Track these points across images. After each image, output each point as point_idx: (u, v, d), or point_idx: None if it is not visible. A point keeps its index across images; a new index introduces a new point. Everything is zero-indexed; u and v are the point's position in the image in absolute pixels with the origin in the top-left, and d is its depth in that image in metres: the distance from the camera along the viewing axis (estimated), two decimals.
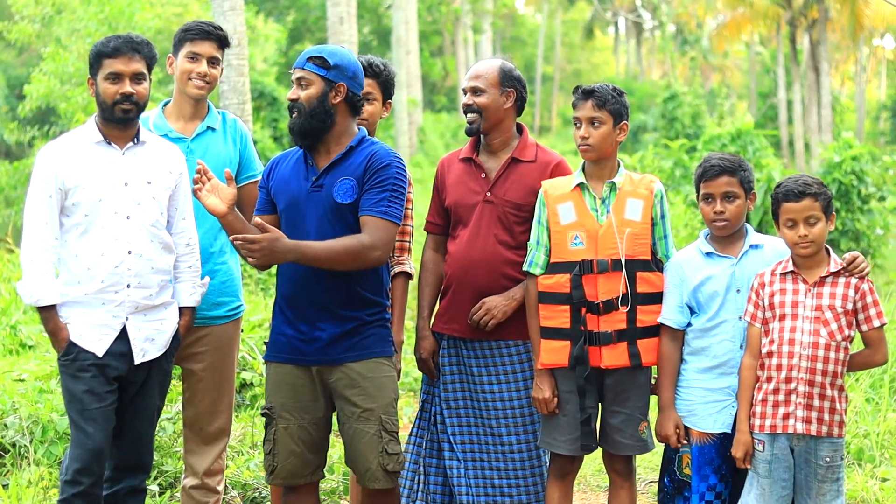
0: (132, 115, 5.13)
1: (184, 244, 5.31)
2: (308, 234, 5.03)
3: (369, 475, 5.11)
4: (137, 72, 5.13)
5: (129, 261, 5.05)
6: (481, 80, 5.51)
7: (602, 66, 75.67)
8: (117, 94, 5.07)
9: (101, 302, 5.03)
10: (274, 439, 5.12)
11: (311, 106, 5.09)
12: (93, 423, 5.00)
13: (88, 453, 4.99)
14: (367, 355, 5.14)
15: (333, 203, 5.05)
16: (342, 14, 20.00)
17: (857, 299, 4.86)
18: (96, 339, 5.02)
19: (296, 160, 5.20)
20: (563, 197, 5.23)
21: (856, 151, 17.95)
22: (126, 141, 5.17)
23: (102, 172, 5.08)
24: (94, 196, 5.03)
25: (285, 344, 5.12)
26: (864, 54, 52.39)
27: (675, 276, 5.14)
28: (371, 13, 46.16)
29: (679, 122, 38.64)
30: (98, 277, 5.01)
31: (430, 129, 42.49)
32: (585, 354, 5.12)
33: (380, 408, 5.12)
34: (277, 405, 5.12)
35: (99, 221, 5.03)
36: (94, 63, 5.15)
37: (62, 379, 5.10)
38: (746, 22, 40.04)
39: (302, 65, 5.15)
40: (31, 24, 25.21)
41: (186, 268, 5.33)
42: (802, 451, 4.86)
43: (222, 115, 5.92)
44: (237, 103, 11.61)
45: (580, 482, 7.26)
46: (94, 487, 5.02)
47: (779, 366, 4.84)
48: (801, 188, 4.87)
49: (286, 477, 5.15)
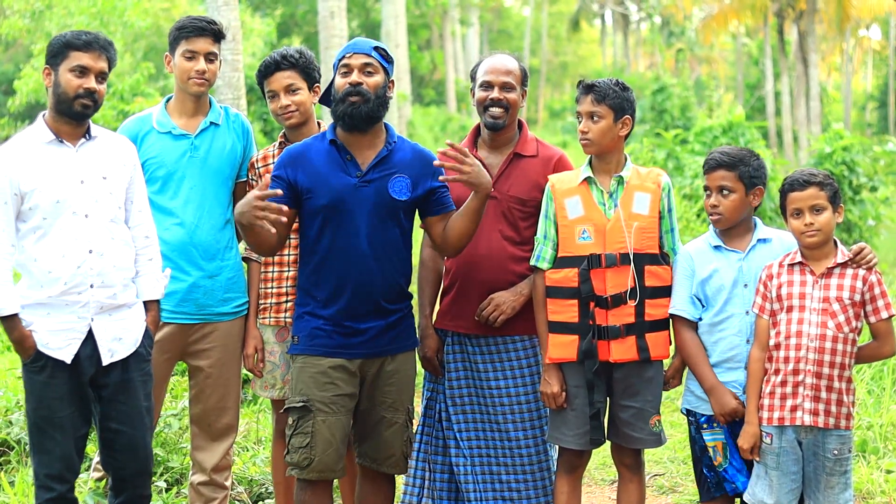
0: (90, 112, 5.02)
1: (142, 237, 5.20)
2: (358, 229, 5.04)
3: (392, 461, 5.22)
4: (102, 71, 5.04)
5: (91, 260, 4.93)
6: (512, 76, 5.50)
7: (589, 58, 75.67)
8: (81, 88, 4.95)
9: (64, 304, 4.90)
10: (312, 432, 5.05)
11: (377, 93, 5.12)
12: (61, 431, 4.92)
13: (57, 460, 4.93)
14: (405, 347, 5.24)
15: (389, 199, 5.08)
16: (333, 8, 19.98)
17: (865, 291, 4.87)
18: (63, 345, 4.90)
19: (326, 154, 5.15)
20: (570, 191, 5.22)
21: (847, 142, 18.01)
22: (78, 137, 5.05)
23: (58, 172, 4.94)
24: (52, 197, 4.89)
25: (325, 337, 5.09)
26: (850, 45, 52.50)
27: (685, 267, 5.15)
28: (360, 7, 46.13)
29: (668, 114, 38.67)
30: (61, 279, 4.88)
31: (419, 123, 42.42)
32: (594, 348, 5.11)
33: (408, 398, 5.25)
34: (315, 398, 5.06)
35: (58, 223, 4.90)
36: (58, 53, 5.00)
37: (27, 384, 4.96)
38: (733, 13, 40.14)
39: (368, 51, 5.16)
40: (21, 19, 25.15)
41: (147, 261, 5.21)
42: (810, 444, 4.87)
43: (225, 110, 5.91)
44: (232, 98, 11.57)
45: (585, 476, 7.24)
46: (69, 492, 4.97)
47: (786, 358, 4.85)
48: (806, 177, 4.92)
49: (322, 470, 5.08)
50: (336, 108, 5.13)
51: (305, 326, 5.16)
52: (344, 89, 5.10)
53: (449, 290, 5.60)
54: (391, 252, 5.10)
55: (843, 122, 43.29)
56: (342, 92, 5.11)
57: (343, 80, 5.13)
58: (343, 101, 5.10)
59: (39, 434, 4.94)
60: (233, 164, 5.82)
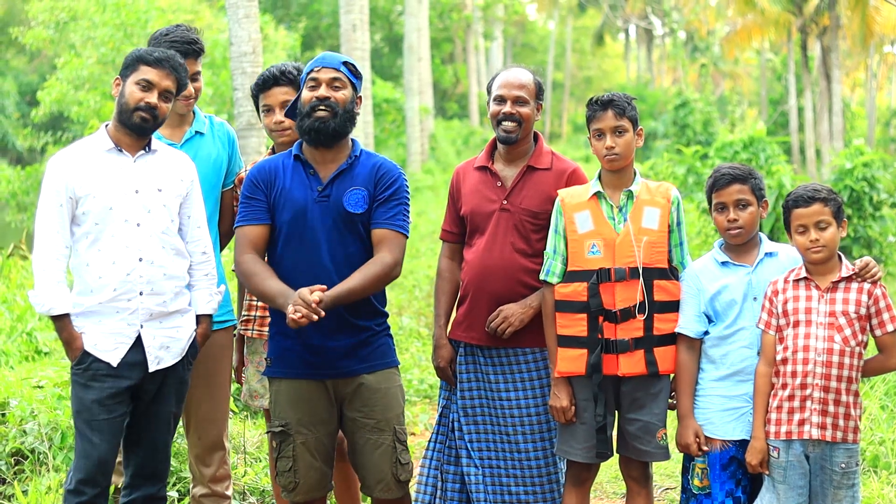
0: (148, 126, 5.11)
1: (199, 252, 5.30)
2: (318, 244, 5.04)
3: (383, 486, 5.17)
4: (167, 89, 5.13)
5: (141, 268, 5.02)
6: (525, 90, 5.50)
7: (613, 72, 75.67)
8: (142, 101, 5.05)
9: (114, 310, 5.00)
10: (293, 455, 5.10)
11: (345, 108, 5.10)
12: (99, 434, 4.99)
13: (92, 464, 4.99)
14: (381, 366, 5.19)
15: (344, 213, 5.06)
16: (355, 21, 20.09)
17: (871, 304, 4.87)
18: (111, 348, 5.00)
19: (292, 169, 5.15)
20: (580, 206, 5.24)
21: (867, 158, 17.91)
22: (137, 149, 5.15)
23: (113, 180, 5.05)
24: (105, 204, 5.01)
25: (296, 359, 5.10)
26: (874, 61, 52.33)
27: (691, 286, 5.16)
28: (383, 20, 46.21)
29: (690, 129, 38.64)
30: (110, 286, 4.99)
31: (441, 136, 42.50)
32: (600, 362, 5.13)
33: (393, 418, 5.20)
34: (293, 421, 5.11)
35: (109, 230, 5.01)
36: (130, 65, 5.14)
37: (73, 387, 5.07)
38: (757, 29, 40.00)
39: (337, 66, 5.14)
40: (45, 30, 25.29)
41: (203, 276, 5.31)
42: (818, 458, 4.87)
43: (209, 119, 5.95)
44: (251, 110, 11.64)
45: (597, 489, 7.28)
46: (98, 498, 5.02)
47: (794, 372, 4.86)
48: (810, 193, 4.92)
49: (308, 492, 5.15)
50: (302, 123, 5.11)
51: (277, 347, 5.18)
52: (311, 102, 5.08)
53: (462, 301, 5.62)
54: (353, 267, 5.05)
55: (867, 139, 43.15)
56: (309, 105, 5.09)
57: (310, 93, 5.11)
58: (309, 115, 5.08)
59: (81, 437, 5.03)
60: (218, 173, 5.86)
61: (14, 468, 6.75)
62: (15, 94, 40.21)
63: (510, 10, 52.46)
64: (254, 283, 5.03)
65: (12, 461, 6.79)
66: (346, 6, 20.33)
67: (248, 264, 5.06)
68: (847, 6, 35.49)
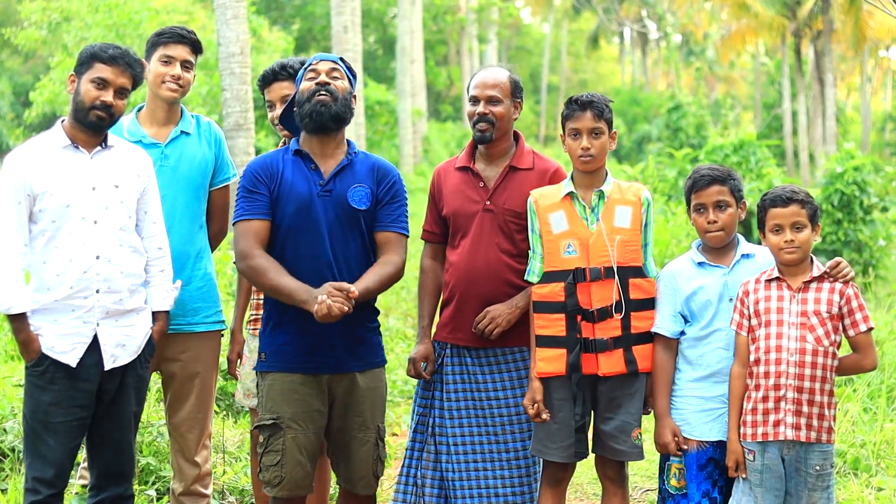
0: (104, 124, 5.09)
1: (155, 248, 5.27)
2: (321, 238, 5.06)
3: (365, 482, 5.22)
4: (123, 86, 5.10)
5: (98, 266, 5.00)
6: (498, 89, 5.50)
7: (607, 75, 75.64)
8: (98, 100, 5.03)
9: (70, 308, 4.97)
10: (283, 449, 5.08)
11: (344, 95, 5.14)
12: (54, 436, 4.97)
13: (49, 465, 4.97)
14: (372, 365, 5.24)
15: (348, 208, 5.10)
16: (346, 23, 20.09)
17: (843, 304, 4.88)
18: (68, 349, 4.97)
19: (292, 164, 5.17)
20: (553, 206, 5.25)
21: (858, 162, 17.98)
22: (94, 145, 5.12)
23: (70, 177, 5.02)
24: (62, 201, 4.97)
25: (293, 354, 5.10)
26: (869, 66, 52.42)
27: (668, 286, 5.17)
28: (376, 22, 46.22)
29: (683, 132, 38.69)
30: (67, 283, 4.95)
31: (434, 139, 42.47)
32: (579, 362, 5.13)
33: (377, 417, 5.24)
34: (286, 415, 5.09)
35: (66, 227, 4.98)
36: (84, 62, 5.10)
37: (28, 388, 5.03)
38: (751, 33, 40.14)
39: (335, 59, 5.22)
40: (38, 31, 25.29)
41: (158, 272, 5.29)
42: (793, 461, 4.87)
43: (196, 119, 5.92)
44: (240, 111, 11.66)
45: (577, 490, 7.29)
46: (53, 499, 5.00)
47: (766, 373, 4.87)
48: (788, 194, 4.94)
49: (292, 488, 5.13)
50: (302, 108, 5.13)
51: (272, 342, 5.18)
52: (310, 89, 5.11)
53: (448, 303, 5.61)
54: (353, 262, 5.11)
55: (862, 143, 43.23)
56: (309, 91, 5.12)
57: (309, 82, 5.16)
58: (310, 100, 5.10)
59: (34, 438, 5.00)
60: (204, 174, 5.83)
61: None
62: (9, 95, 40.12)
63: (504, 13, 52.37)
64: (268, 278, 5.01)
65: None
66: (337, 8, 20.34)
67: (260, 259, 5.05)
68: (840, 10, 35.64)
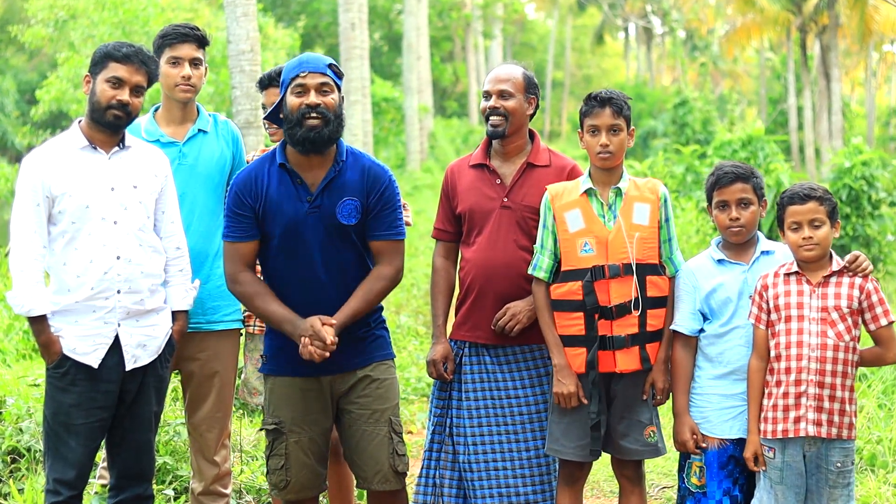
0: (122, 123, 5.08)
1: (173, 248, 5.27)
2: (312, 257, 5.01)
3: (381, 477, 5.14)
4: (139, 84, 5.09)
5: (119, 266, 4.99)
6: (510, 83, 5.50)
7: (612, 71, 75.59)
8: (114, 100, 5.02)
9: (91, 309, 4.96)
10: (286, 453, 5.09)
11: (336, 113, 5.00)
12: (76, 437, 4.97)
13: (69, 466, 4.97)
14: (376, 358, 5.20)
15: (337, 223, 5.01)
16: (353, 20, 20.07)
17: (863, 299, 4.87)
18: (90, 350, 4.96)
19: (278, 179, 5.06)
20: (570, 204, 5.23)
21: (866, 156, 17.92)
22: (111, 146, 5.12)
23: (89, 178, 5.01)
24: (81, 202, 4.96)
25: (292, 357, 5.05)
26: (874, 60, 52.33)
27: (687, 283, 5.16)
28: (382, 19, 46.21)
29: (689, 127, 38.67)
30: (88, 284, 4.95)
31: (440, 135, 42.48)
32: (597, 359, 5.13)
33: (389, 409, 5.19)
34: (287, 419, 5.10)
35: (86, 228, 4.97)
36: (98, 62, 5.09)
37: (48, 389, 5.02)
38: (756, 28, 40.06)
39: (323, 70, 5.01)
40: (44, 28, 25.29)
41: (177, 271, 5.28)
42: (814, 457, 4.86)
43: (213, 118, 5.91)
44: (250, 108, 11.62)
45: (594, 488, 7.27)
46: (74, 500, 5.00)
47: (787, 369, 4.86)
48: (806, 191, 4.93)
49: (299, 491, 5.13)
50: (294, 132, 4.96)
51: (272, 345, 5.17)
52: (300, 110, 4.94)
53: (465, 301, 5.58)
54: (349, 276, 5.07)
55: (867, 138, 43.14)
56: (298, 112, 4.95)
57: (298, 99, 4.97)
58: (300, 123, 4.94)
59: (55, 440, 4.99)
60: (222, 172, 5.82)
61: (10, 466, 6.75)
62: (14, 93, 40.17)
63: (510, 9, 52.43)
64: (256, 304, 5.05)
65: (8, 459, 6.80)
66: (344, 4, 20.31)
67: (248, 285, 5.06)
68: (846, 5, 35.56)
